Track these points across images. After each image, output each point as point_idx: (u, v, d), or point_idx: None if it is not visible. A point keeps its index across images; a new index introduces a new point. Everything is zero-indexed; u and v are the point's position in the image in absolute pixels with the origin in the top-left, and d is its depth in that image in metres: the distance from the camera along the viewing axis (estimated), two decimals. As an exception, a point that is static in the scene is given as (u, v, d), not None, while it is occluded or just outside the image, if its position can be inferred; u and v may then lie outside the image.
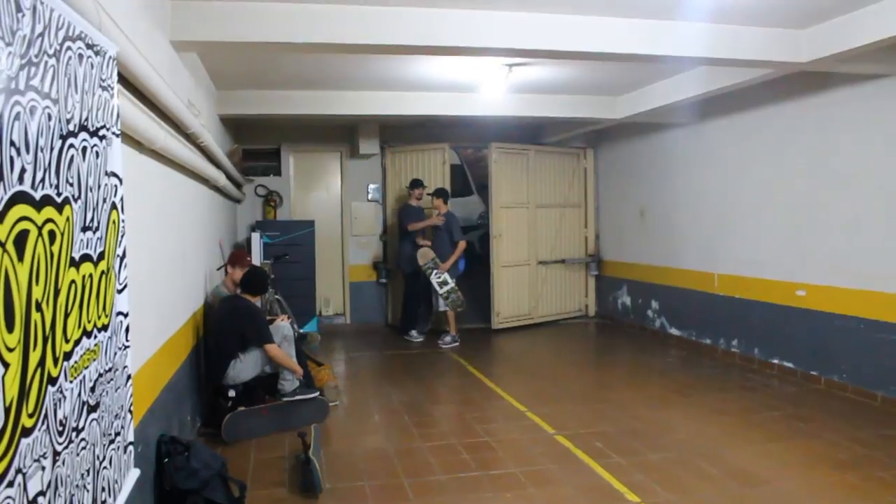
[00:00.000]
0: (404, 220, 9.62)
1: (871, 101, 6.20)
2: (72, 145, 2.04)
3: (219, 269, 6.25)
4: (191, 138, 4.95)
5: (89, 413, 2.20)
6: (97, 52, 2.31)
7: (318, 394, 5.91)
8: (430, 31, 5.02)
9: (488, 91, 7.62)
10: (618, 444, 5.17)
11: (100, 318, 2.33)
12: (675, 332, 9.21)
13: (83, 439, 2.14)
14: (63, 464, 1.95)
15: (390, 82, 7.57)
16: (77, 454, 2.08)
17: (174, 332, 4.56)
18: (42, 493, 1.78)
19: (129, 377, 2.71)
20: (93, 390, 2.25)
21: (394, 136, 10.69)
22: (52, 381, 1.88)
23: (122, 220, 2.63)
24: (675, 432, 5.48)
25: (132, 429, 2.76)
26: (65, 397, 1.98)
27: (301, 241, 9.56)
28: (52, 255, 1.87)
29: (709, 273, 8.45)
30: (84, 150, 2.16)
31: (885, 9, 4.93)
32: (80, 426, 2.11)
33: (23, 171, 1.68)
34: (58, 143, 1.92)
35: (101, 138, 2.36)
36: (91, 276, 2.22)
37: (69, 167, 2.02)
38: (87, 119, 2.19)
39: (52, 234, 1.87)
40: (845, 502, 4.20)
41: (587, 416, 5.97)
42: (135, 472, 2.81)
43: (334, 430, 5.73)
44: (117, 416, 2.55)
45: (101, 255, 2.34)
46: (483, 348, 9.18)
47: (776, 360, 7.36)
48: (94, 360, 2.27)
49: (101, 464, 2.33)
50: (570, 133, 10.47)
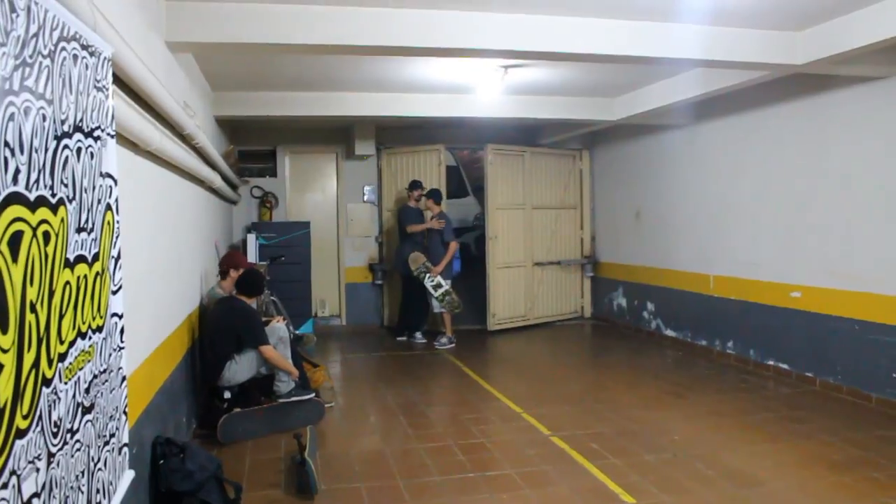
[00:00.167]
0: (403, 222, 9.61)
1: (867, 103, 6.22)
2: (66, 146, 2.04)
3: (223, 277, 6.22)
4: (186, 139, 4.94)
5: (84, 414, 2.20)
6: (92, 53, 2.30)
7: (313, 395, 5.91)
8: (426, 32, 5.02)
9: (484, 92, 7.63)
10: (613, 446, 5.18)
11: (94, 319, 2.32)
12: (670, 333, 9.23)
13: (78, 441, 2.13)
14: (58, 465, 1.94)
15: (386, 84, 7.57)
16: (72, 456, 2.07)
17: (169, 333, 4.55)
18: (37, 494, 1.77)
19: (123, 378, 2.70)
20: (87, 392, 2.24)
21: (390, 137, 10.69)
22: (46, 382, 1.87)
23: (117, 222, 2.63)
24: (670, 433, 5.49)
25: (127, 430, 2.75)
26: (59, 399, 1.97)
27: (297, 242, 9.56)
28: (46, 256, 1.86)
29: (704, 275, 8.46)
30: (79, 151, 2.16)
31: (879, 11, 4.95)
32: (75, 428, 2.11)
33: (17, 171, 1.67)
34: (52, 144, 1.92)
35: (96, 139, 2.36)
36: (86, 277, 2.22)
37: (64, 168, 2.01)
38: (81, 120, 2.19)
39: (46, 235, 1.86)
40: (840, 503, 4.21)
41: (583, 417, 5.98)
42: (129, 474, 2.80)
43: (330, 432, 5.72)
44: (112, 417, 2.54)
45: (96, 257, 2.34)
46: (479, 350, 9.18)
47: (771, 362, 7.38)
48: (89, 361, 2.26)
49: (95, 465, 2.32)
50: (565, 135, 10.48)
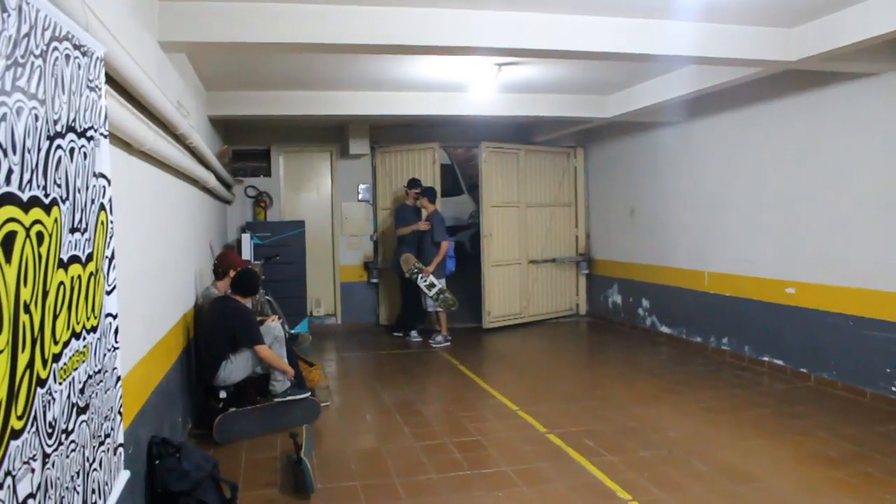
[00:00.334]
0: (398, 221, 9.61)
1: (860, 99, 6.24)
2: (59, 146, 2.03)
3: (219, 277, 6.21)
4: (180, 139, 4.93)
5: (79, 415, 2.20)
6: (84, 53, 2.30)
7: (309, 394, 5.91)
8: (420, 30, 5.01)
9: (478, 91, 7.63)
10: (609, 442, 5.19)
11: (88, 319, 2.32)
12: (665, 330, 9.25)
13: (73, 441, 2.13)
14: (53, 466, 1.94)
15: (380, 82, 7.57)
16: (67, 456, 2.07)
17: (164, 333, 4.54)
18: (32, 495, 1.77)
19: (118, 379, 2.70)
20: (82, 392, 2.24)
21: (384, 135, 10.69)
22: (41, 382, 1.87)
23: (111, 222, 2.62)
24: (665, 430, 5.50)
25: (122, 431, 2.75)
26: (54, 399, 1.97)
27: (291, 241, 9.54)
28: (40, 256, 1.86)
29: (699, 271, 8.48)
30: (72, 151, 2.15)
31: (872, 7, 4.96)
32: (70, 428, 2.10)
33: (10, 172, 1.67)
34: (45, 145, 1.91)
35: (89, 139, 2.35)
36: (80, 277, 2.22)
37: (57, 168, 2.01)
38: (74, 120, 2.18)
39: (39, 235, 1.86)
40: (835, 499, 4.22)
41: (578, 414, 5.99)
42: (125, 474, 2.80)
43: (326, 431, 5.72)
44: (107, 417, 2.54)
45: (90, 257, 2.33)
46: (474, 347, 9.19)
47: (766, 358, 7.40)
48: (84, 361, 2.26)
49: (90, 466, 2.32)
50: (560, 132, 10.49)
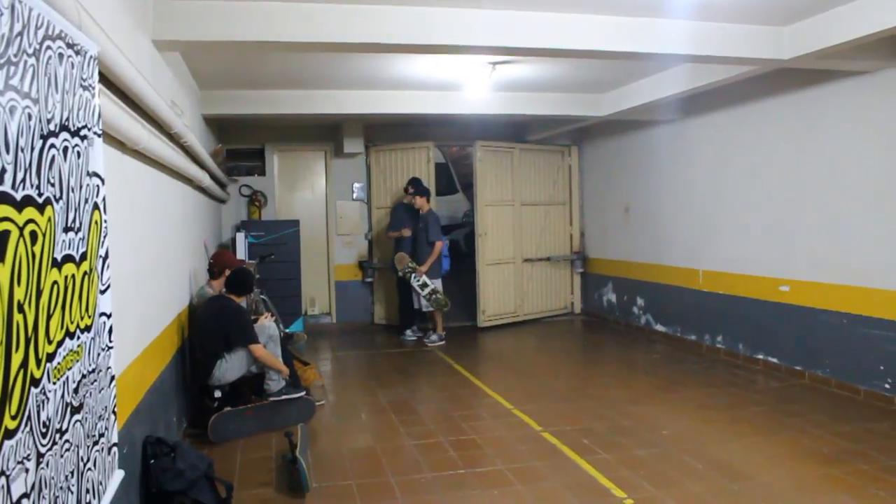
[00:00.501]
0: (392, 221, 9.59)
1: (854, 97, 6.26)
2: (53, 145, 2.03)
3: (214, 276, 6.19)
4: (174, 138, 4.92)
5: (73, 414, 2.19)
6: (78, 52, 2.29)
7: (304, 393, 5.91)
8: (414, 29, 5.01)
9: (472, 89, 7.63)
10: (604, 441, 5.20)
11: (83, 318, 2.31)
12: (660, 328, 9.27)
13: (67, 441, 2.12)
14: (47, 466, 1.93)
15: (374, 81, 7.56)
16: (61, 456, 2.06)
17: (159, 332, 4.53)
18: (26, 495, 1.77)
19: (112, 378, 2.69)
20: (76, 392, 2.23)
21: (378, 134, 10.68)
22: (35, 382, 1.86)
23: (105, 221, 2.61)
24: (660, 428, 5.51)
25: (116, 430, 2.74)
26: (48, 399, 1.96)
27: (286, 240, 9.54)
28: (33, 255, 1.85)
29: (693, 269, 8.50)
30: (65, 150, 2.15)
31: (865, 6, 4.97)
32: (64, 428, 2.10)
33: (3, 171, 1.67)
34: (38, 144, 1.91)
35: (83, 138, 2.35)
36: (73, 276, 2.21)
37: (50, 167, 2.00)
38: (68, 119, 2.17)
39: (33, 234, 1.85)
40: (830, 496, 4.24)
41: (573, 412, 6.00)
42: (119, 474, 2.79)
43: (321, 430, 5.72)
44: (101, 417, 2.53)
45: (84, 256, 2.32)
46: (469, 346, 9.19)
47: (761, 356, 7.42)
48: (78, 361, 2.25)
49: (85, 465, 2.32)
50: (554, 131, 10.50)
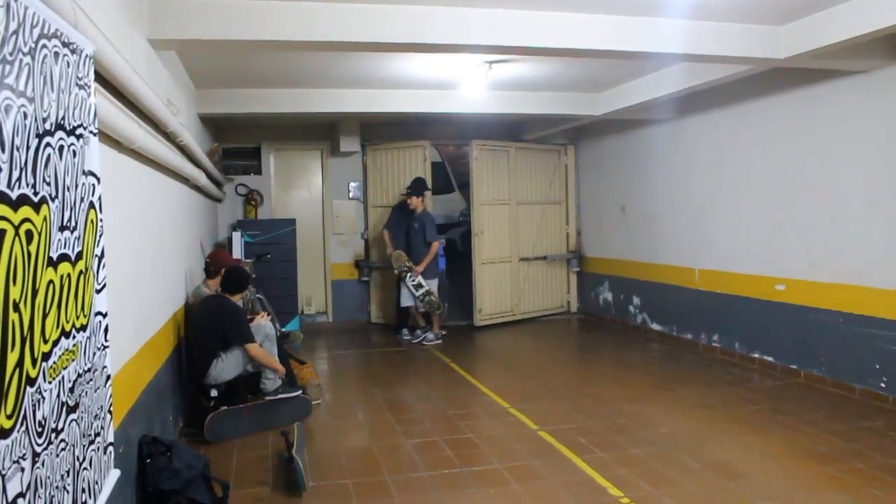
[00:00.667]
0: (390, 220, 9.55)
1: (850, 96, 6.26)
2: (48, 144, 2.02)
3: (210, 276, 6.19)
4: (170, 137, 4.91)
5: (69, 414, 2.19)
6: (73, 51, 2.29)
7: (300, 392, 5.90)
8: (410, 28, 5.00)
9: (468, 88, 7.62)
10: (600, 439, 5.21)
11: (78, 318, 2.31)
12: (656, 327, 9.28)
13: (63, 440, 2.12)
14: (43, 465, 1.93)
15: (370, 80, 7.55)
16: (57, 455, 2.06)
17: (155, 332, 4.52)
18: (22, 494, 1.76)
19: (108, 377, 2.69)
20: (72, 391, 2.23)
21: (374, 133, 10.67)
22: (30, 381, 1.86)
23: (101, 220, 2.61)
24: (656, 427, 5.52)
25: (112, 429, 2.74)
26: (44, 398, 1.96)
27: (282, 239, 9.53)
28: (29, 254, 1.85)
29: (689, 268, 8.51)
30: (61, 149, 2.14)
31: (860, 6, 4.97)
32: (60, 427, 2.10)
33: (-2, 170, 1.66)
34: (34, 142, 1.90)
35: (79, 137, 2.34)
36: (69, 275, 2.20)
37: (46, 166, 2.00)
38: (63, 118, 2.17)
39: (29, 233, 1.85)
40: (825, 494, 4.25)
41: (570, 411, 6.00)
42: (115, 473, 2.79)
43: (317, 429, 5.72)
44: (97, 416, 2.53)
45: (80, 255, 2.32)
46: (465, 345, 9.19)
47: (756, 355, 7.43)
48: (73, 360, 2.25)
49: (81, 465, 2.31)
50: (550, 130, 10.50)
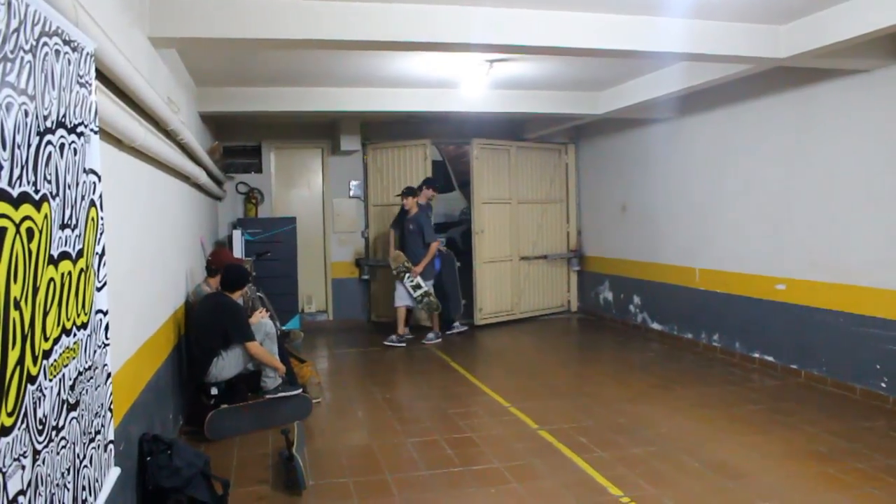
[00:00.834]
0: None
1: (851, 96, 6.25)
2: (49, 142, 2.02)
3: (214, 275, 6.18)
4: (170, 135, 4.91)
5: (69, 412, 2.19)
6: (74, 49, 2.29)
7: (300, 391, 5.90)
8: (411, 27, 5.00)
9: (469, 87, 7.62)
10: (600, 439, 5.21)
11: (79, 316, 2.31)
12: (656, 326, 9.28)
13: (63, 438, 2.12)
14: (43, 463, 1.93)
15: (371, 79, 7.55)
16: (57, 453, 2.06)
17: (155, 330, 4.53)
18: (22, 492, 1.77)
19: (109, 375, 2.69)
20: (72, 389, 2.23)
21: (375, 132, 10.66)
22: (31, 379, 1.86)
23: (102, 218, 2.61)
24: (657, 426, 5.52)
25: (112, 427, 2.74)
26: (44, 396, 1.96)
27: (283, 238, 9.52)
28: (30, 252, 1.85)
29: (690, 268, 8.51)
30: (62, 147, 2.14)
31: (862, 4, 4.97)
32: (60, 425, 2.10)
33: (-1, 167, 1.66)
34: (35, 140, 1.91)
35: (80, 135, 2.34)
36: (70, 273, 2.21)
37: (47, 164, 2.00)
38: (64, 116, 2.17)
39: (30, 231, 1.85)
40: (825, 494, 4.25)
41: (570, 410, 6.00)
42: (115, 471, 2.79)
43: (317, 427, 5.72)
44: (97, 414, 2.53)
45: (80, 253, 2.32)
46: (466, 344, 9.19)
47: (757, 354, 7.43)
48: (74, 358, 2.25)
49: (81, 463, 2.32)
50: (551, 129, 10.50)
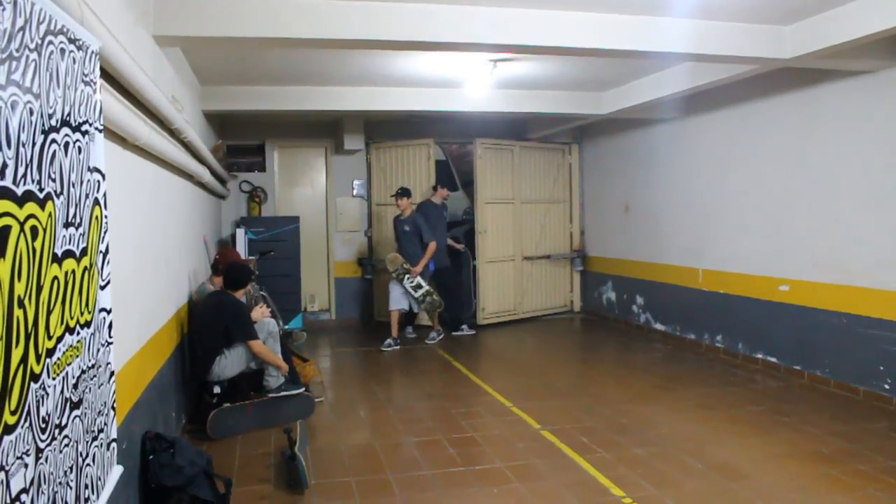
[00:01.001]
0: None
1: (855, 97, 6.24)
2: (54, 140, 2.03)
3: (219, 274, 6.18)
4: (174, 134, 4.92)
5: (72, 410, 2.19)
6: (79, 47, 2.29)
7: (303, 390, 5.91)
8: (415, 26, 5.00)
9: (473, 87, 7.62)
10: (603, 439, 5.20)
11: (83, 314, 2.31)
12: (659, 327, 9.27)
13: (66, 436, 2.12)
14: (46, 461, 1.93)
15: (375, 78, 7.55)
16: (60, 451, 2.06)
17: (158, 328, 4.53)
18: (25, 490, 1.77)
19: (112, 374, 2.69)
20: (76, 387, 2.23)
21: (379, 131, 10.67)
22: (34, 377, 1.86)
23: (105, 216, 2.61)
24: (659, 427, 5.52)
25: (115, 426, 2.74)
26: (47, 394, 1.97)
27: (286, 237, 9.54)
28: (34, 251, 1.85)
29: (693, 268, 8.50)
30: (66, 145, 2.15)
31: (867, 5, 4.96)
32: (63, 423, 2.10)
33: (4, 166, 1.67)
34: (40, 139, 1.91)
35: (84, 134, 2.35)
36: (74, 272, 2.21)
37: (51, 163, 2.00)
38: (69, 114, 2.17)
39: (34, 230, 1.85)
40: (828, 495, 4.24)
41: (572, 411, 6.00)
42: (118, 469, 2.79)
43: (320, 426, 5.72)
44: (100, 412, 2.53)
45: (84, 251, 2.32)
46: (468, 344, 9.18)
47: (760, 355, 7.42)
48: (77, 356, 2.26)
49: (84, 461, 2.32)
50: (554, 129, 10.49)
